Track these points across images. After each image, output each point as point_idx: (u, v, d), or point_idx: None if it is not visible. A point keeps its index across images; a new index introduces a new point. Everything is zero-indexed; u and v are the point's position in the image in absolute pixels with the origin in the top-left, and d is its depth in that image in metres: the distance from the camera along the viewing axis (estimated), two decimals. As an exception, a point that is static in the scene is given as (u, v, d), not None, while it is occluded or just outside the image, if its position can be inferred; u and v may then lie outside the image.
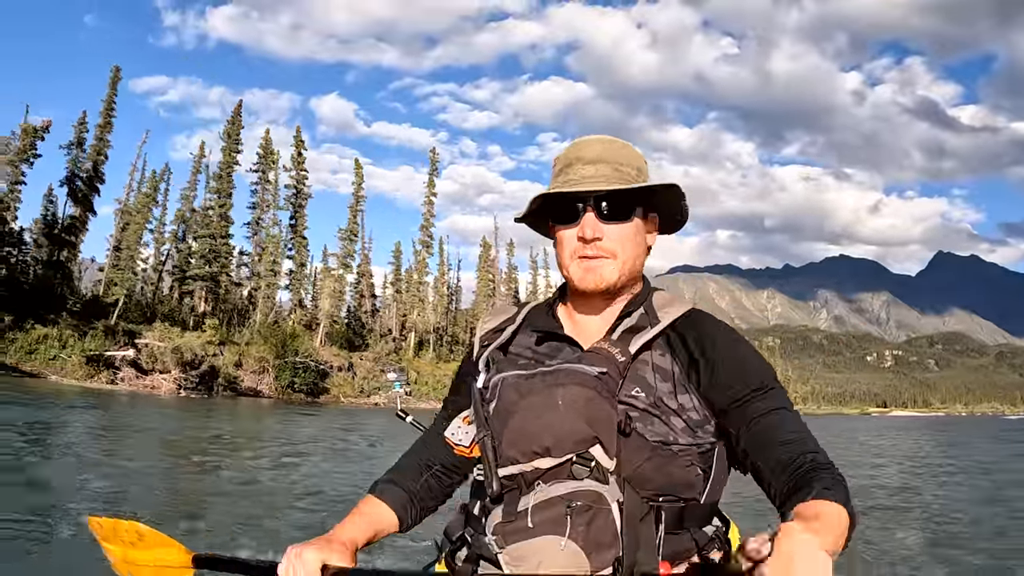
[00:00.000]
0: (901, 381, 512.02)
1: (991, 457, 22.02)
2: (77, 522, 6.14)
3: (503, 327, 1.58)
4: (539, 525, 1.29)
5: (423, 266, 58.68)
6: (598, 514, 1.28)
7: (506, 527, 1.32)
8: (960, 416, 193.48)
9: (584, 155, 1.45)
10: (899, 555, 6.97)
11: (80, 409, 20.59)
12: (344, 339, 50.52)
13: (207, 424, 20.50)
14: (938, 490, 12.80)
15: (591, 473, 1.30)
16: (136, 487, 8.51)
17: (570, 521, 1.28)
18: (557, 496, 1.30)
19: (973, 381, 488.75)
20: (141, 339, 36.60)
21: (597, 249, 1.42)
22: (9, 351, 33.20)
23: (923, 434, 41.22)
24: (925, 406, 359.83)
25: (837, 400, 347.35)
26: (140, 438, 15.00)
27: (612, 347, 1.40)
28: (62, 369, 33.50)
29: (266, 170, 50.00)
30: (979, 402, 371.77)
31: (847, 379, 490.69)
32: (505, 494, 1.35)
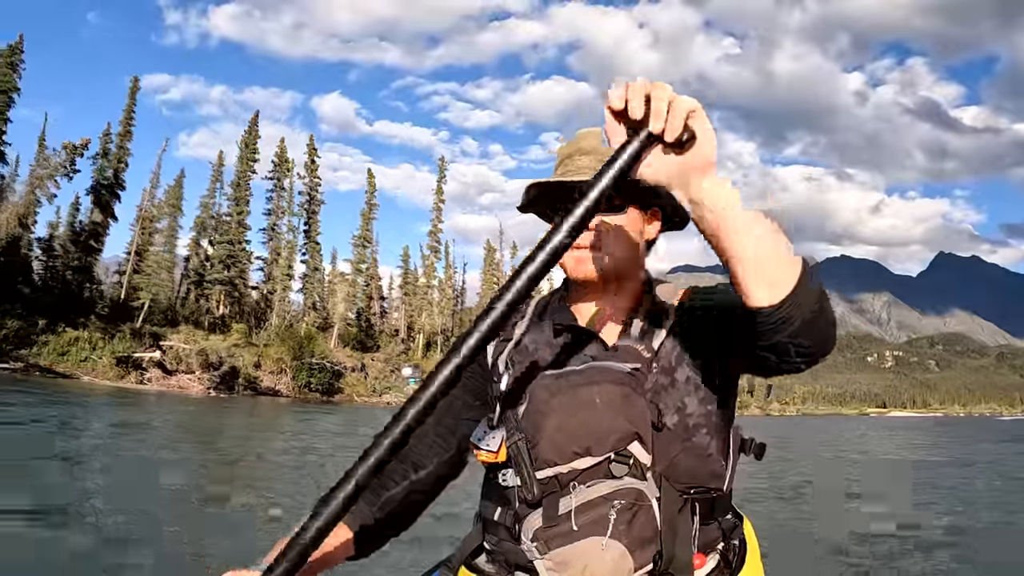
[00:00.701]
0: (902, 382, 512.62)
1: (968, 455, 23.65)
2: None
3: (513, 321, 1.54)
4: (583, 527, 1.28)
5: (431, 270, 60.52)
6: (640, 511, 1.28)
7: (548, 532, 1.30)
8: (957, 417, 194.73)
9: (583, 146, 1.47)
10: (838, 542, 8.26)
11: (134, 409, 22.48)
12: (356, 341, 52.37)
13: (271, 424, 22.33)
14: (897, 488, 14.32)
15: (630, 470, 1.29)
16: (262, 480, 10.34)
17: (613, 520, 1.27)
18: (600, 496, 1.29)
19: (973, 382, 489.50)
20: (166, 341, 38.45)
21: (587, 239, 1.41)
22: (43, 353, 34.99)
23: (913, 435, 42.88)
24: (924, 407, 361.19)
25: (837, 400, 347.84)
26: (226, 436, 16.90)
27: (637, 343, 1.39)
28: (93, 370, 35.34)
29: (281, 177, 51.82)
30: (977, 403, 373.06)
31: (848, 380, 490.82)
32: (544, 498, 1.32)
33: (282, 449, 15.29)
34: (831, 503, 11.06)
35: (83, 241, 41.59)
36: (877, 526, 8.80)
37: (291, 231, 51.89)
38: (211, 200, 49.15)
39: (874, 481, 14.70)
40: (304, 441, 17.50)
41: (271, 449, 15.18)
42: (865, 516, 9.69)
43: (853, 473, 16.39)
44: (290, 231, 51.83)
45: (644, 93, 0.98)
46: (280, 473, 11.59)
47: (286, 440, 17.43)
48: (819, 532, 8.71)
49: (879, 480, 14.98)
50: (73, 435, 13.70)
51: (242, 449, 14.76)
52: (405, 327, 61.34)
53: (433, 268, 60.66)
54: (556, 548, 1.29)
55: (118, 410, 21.57)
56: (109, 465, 10.65)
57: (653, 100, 0.98)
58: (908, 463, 20.03)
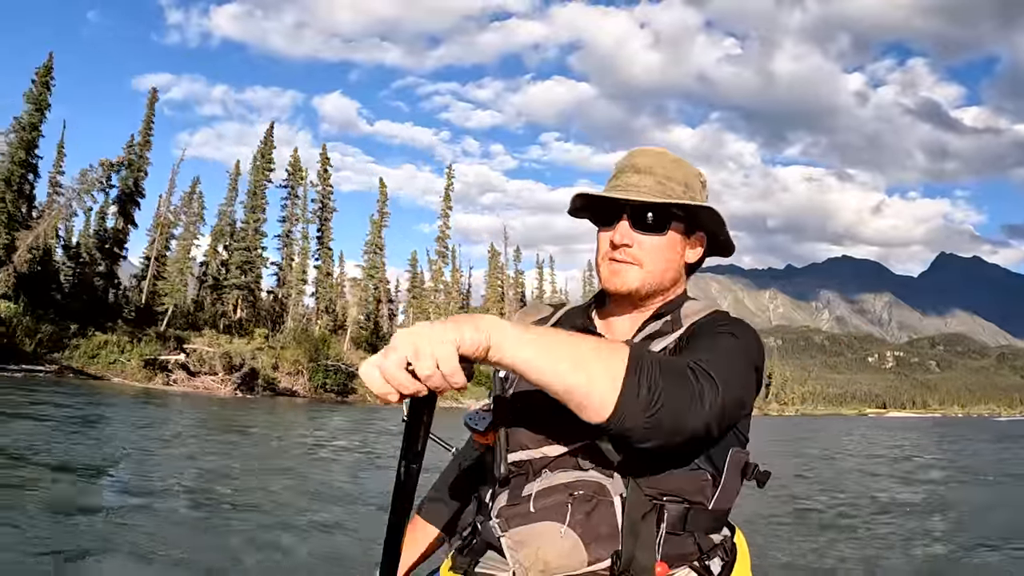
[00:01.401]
0: (902, 382, 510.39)
1: (951, 455, 25.27)
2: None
3: (542, 321, 1.58)
4: (540, 511, 1.30)
5: (439, 275, 62.43)
6: (599, 505, 1.29)
7: (510, 510, 1.34)
8: (955, 418, 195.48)
9: (636, 164, 1.49)
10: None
11: (170, 408, 24.31)
12: (367, 343, 54.30)
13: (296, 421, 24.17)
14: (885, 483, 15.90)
15: (597, 465, 1.31)
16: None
17: (571, 509, 1.29)
18: (561, 483, 1.31)
19: (974, 382, 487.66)
20: (189, 344, 40.41)
21: (624, 254, 1.45)
22: (74, 356, 36.88)
23: (904, 434, 44.35)
24: (923, 407, 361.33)
25: (838, 401, 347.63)
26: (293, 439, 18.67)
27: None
28: (122, 372, 37.25)
29: (295, 186, 53.76)
30: (977, 403, 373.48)
31: (848, 380, 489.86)
32: (512, 479, 1.37)
33: (313, 441, 17.15)
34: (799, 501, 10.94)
35: (108, 248, 43.52)
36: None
37: (304, 238, 53.78)
38: (229, 208, 51.07)
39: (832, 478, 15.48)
40: (325, 436, 19.30)
41: (303, 443, 17.03)
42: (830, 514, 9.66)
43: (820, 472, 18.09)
44: (304, 238, 53.71)
45: (398, 378, 0.98)
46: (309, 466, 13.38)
47: (310, 433, 19.25)
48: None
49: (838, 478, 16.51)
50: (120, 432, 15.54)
51: (285, 443, 16.62)
52: (413, 329, 63.36)
53: (441, 273, 62.58)
54: (515, 527, 1.31)
55: (159, 410, 23.39)
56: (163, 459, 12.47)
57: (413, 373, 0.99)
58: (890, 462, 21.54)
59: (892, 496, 11.51)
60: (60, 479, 8.12)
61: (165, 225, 51.27)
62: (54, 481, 7.94)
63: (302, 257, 53.34)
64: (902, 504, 10.68)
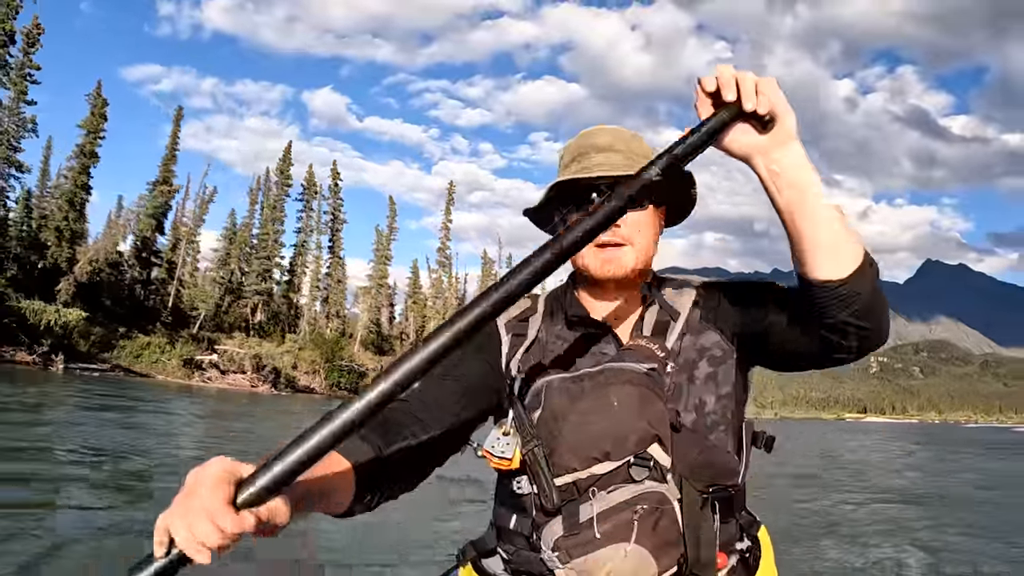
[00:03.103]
0: (885, 388, 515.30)
1: (885, 458, 30.05)
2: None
3: (525, 316, 1.53)
4: (606, 534, 1.24)
5: (440, 283, 67.47)
6: (664, 514, 1.25)
7: (569, 540, 1.26)
8: (931, 424, 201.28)
9: (596, 143, 1.45)
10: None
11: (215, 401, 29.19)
12: (373, 345, 59.31)
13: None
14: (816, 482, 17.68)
15: (651, 473, 1.26)
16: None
17: (637, 526, 1.24)
18: (622, 502, 1.25)
19: (957, 389, 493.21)
20: (220, 345, 45.29)
21: (614, 235, 1.40)
22: (121, 356, 41.59)
23: (869, 438, 49.11)
24: (902, 413, 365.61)
25: (821, 405, 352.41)
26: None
27: (650, 343, 1.39)
28: (164, 370, 42.04)
29: (309, 199, 58.68)
30: (956, 410, 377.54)
31: (832, 384, 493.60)
32: (563, 506, 1.28)
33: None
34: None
35: (145, 258, 48.28)
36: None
37: (319, 248, 58.87)
38: (251, 220, 55.94)
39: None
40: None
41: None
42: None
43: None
44: (318, 248, 58.80)
45: (733, 76, 1.07)
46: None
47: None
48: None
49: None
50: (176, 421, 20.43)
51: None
52: (414, 332, 68.31)
53: (441, 281, 67.60)
54: (579, 556, 1.25)
55: (208, 402, 28.22)
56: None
57: (742, 83, 1.07)
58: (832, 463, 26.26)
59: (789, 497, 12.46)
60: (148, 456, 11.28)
61: (189, 234, 55.95)
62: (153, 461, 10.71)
63: (315, 265, 58.33)
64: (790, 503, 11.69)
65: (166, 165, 51.86)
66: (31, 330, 35.48)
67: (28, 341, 35.15)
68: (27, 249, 39.24)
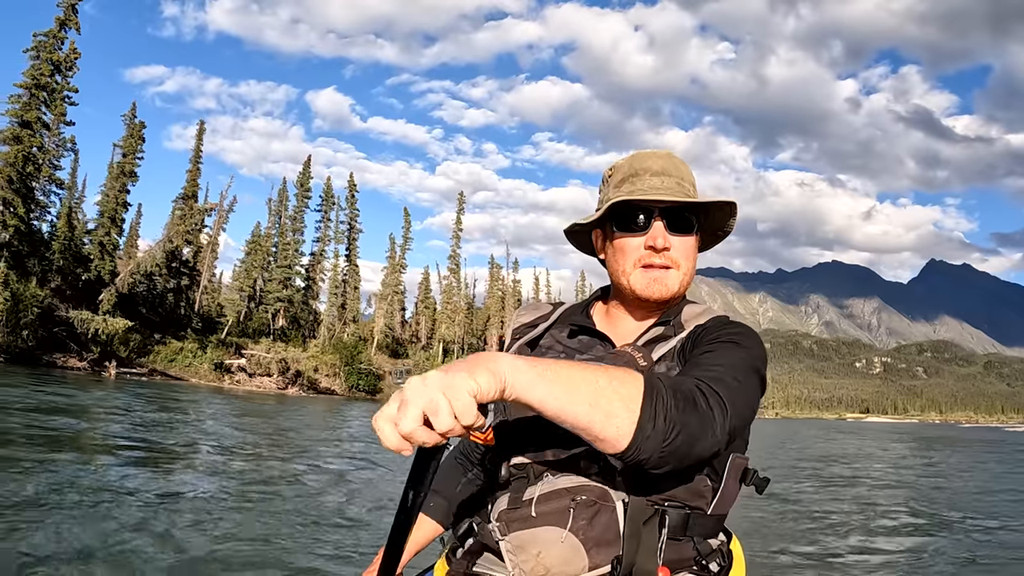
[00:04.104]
0: (888, 388, 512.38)
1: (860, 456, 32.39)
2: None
3: (536, 323, 1.60)
4: (542, 515, 1.29)
5: (451, 289, 70.42)
6: (602, 511, 1.28)
7: (510, 514, 1.32)
8: (930, 424, 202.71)
9: (651, 167, 1.48)
10: None
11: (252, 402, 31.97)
12: (388, 349, 62.30)
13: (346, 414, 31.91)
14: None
15: (599, 469, 1.29)
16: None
17: (573, 514, 1.28)
18: (563, 488, 1.30)
19: (960, 389, 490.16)
20: (247, 350, 48.22)
21: (665, 258, 1.44)
22: (157, 360, 44.51)
23: (847, 437, 51.63)
24: (903, 413, 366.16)
25: (824, 405, 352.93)
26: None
27: (636, 351, 1.41)
28: (196, 373, 44.95)
29: (327, 211, 61.69)
30: (958, 410, 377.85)
31: (835, 384, 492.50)
32: (513, 481, 1.35)
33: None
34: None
35: (175, 267, 51.21)
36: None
37: (336, 257, 61.90)
38: (272, 231, 58.86)
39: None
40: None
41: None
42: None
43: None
44: (336, 257, 61.84)
45: (416, 434, 0.93)
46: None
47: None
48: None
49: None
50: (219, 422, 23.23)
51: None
52: (426, 336, 71.39)
53: (452, 287, 70.55)
54: (515, 531, 1.31)
55: (253, 405, 30.91)
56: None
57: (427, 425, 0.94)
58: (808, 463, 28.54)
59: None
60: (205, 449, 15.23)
61: (212, 244, 58.86)
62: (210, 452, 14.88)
63: (333, 273, 61.29)
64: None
65: (192, 179, 54.87)
66: (78, 338, 38.45)
67: (77, 348, 38.09)
68: (71, 262, 42.16)
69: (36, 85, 39.01)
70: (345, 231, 63.05)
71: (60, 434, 11.74)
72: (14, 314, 33.82)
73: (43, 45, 39.86)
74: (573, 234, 1.64)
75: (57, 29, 40.33)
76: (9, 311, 33.46)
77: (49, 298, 37.54)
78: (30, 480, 7.28)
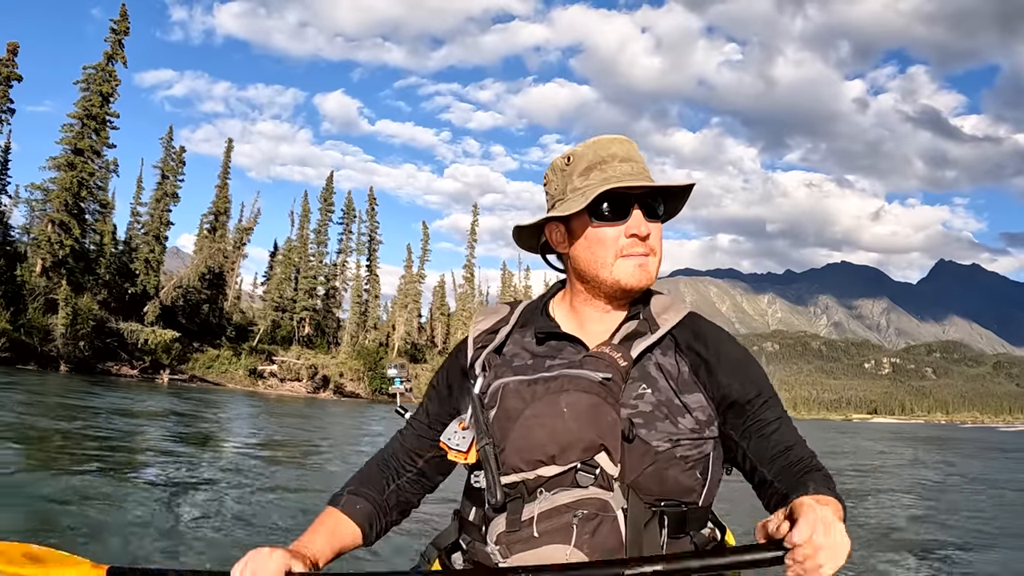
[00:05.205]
0: (897, 389, 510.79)
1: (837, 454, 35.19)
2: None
3: (497, 328, 1.55)
4: (544, 534, 1.28)
5: (466, 297, 73.72)
6: (604, 522, 1.28)
7: (510, 536, 1.31)
8: (935, 424, 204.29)
9: (616, 152, 1.43)
10: None
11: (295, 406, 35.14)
12: (407, 354, 65.57)
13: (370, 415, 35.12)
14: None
15: (596, 480, 1.29)
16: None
17: (576, 529, 1.27)
18: (563, 504, 1.29)
19: (969, 390, 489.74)
20: (278, 357, 51.61)
21: (647, 246, 1.41)
22: (195, 367, 47.83)
23: (843, 437, 54.11)
24: (909, 413, 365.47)
25: (833, 406, 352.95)
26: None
27: (614, 351, 1.38)
28: (232, 378, 48.30)
29: (348, 223, 65.08)
30: (964, 411, 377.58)
31: (844, 385, 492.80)
32: (508, 503, 1.33)
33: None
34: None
35: (209, 279, 54.58)
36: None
37: (358, 268, 65.50)
38: (298, 244, 62.27)
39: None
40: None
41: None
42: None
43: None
44: (358, 268, 65.45)
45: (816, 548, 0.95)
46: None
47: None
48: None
49: None
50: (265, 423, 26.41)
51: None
52: (442, 341, 74.70)
53: (467, 295, 73.83)
54: (518, 553, 1.30)
55: (291, 407, 34.01)
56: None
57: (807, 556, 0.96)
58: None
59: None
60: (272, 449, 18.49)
61: (239, 253, 62.31)
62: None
63: (356, 283, 64.78)
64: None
65: (222, 195, 58.30)
66: (127, 347, 41.86)
67: (127, 357, 41.48)
68: (118, 276, 45.61)
69: (87, 115, 42.37)
70: (366, 242, 66.43)
71: (177, 433, 15.01)
72: (73, 327, 37.16)
73: (92, 78, 43.30)
74: (521, 231, 1.55)
75: (105, 63, 43.74)
76: (69, 324, 36.81)
77: (101, 311, 40.88)
78: (179, 467, 10.14)
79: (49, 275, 39.29)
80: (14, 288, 36.89)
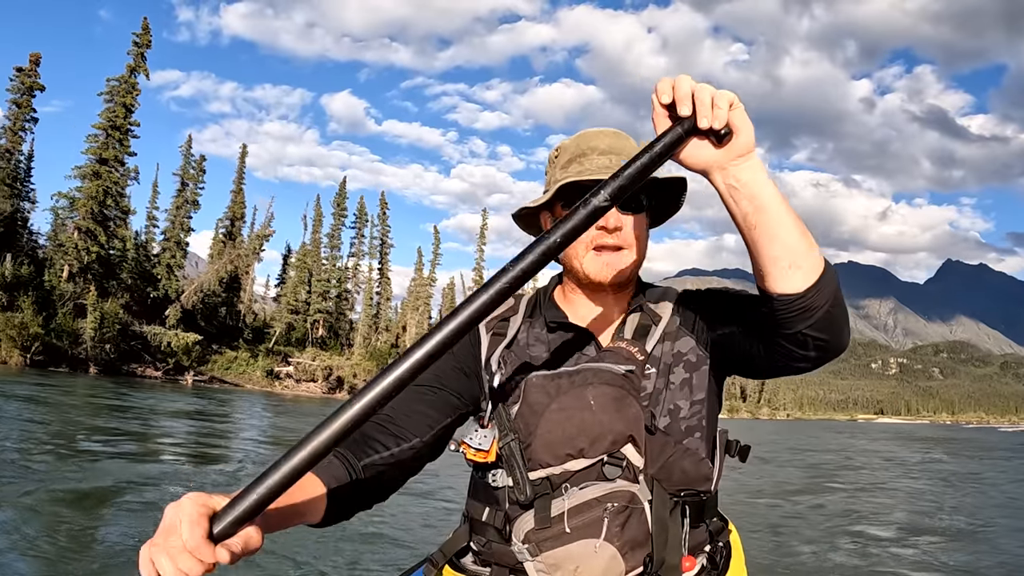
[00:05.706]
0: (904, 389, 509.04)
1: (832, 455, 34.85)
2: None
3: (506, 316, 1.53)
4: (576, 530, 1.28)
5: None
6: (633, 514, 1.28)
7: (540, 534, 1.30)
8: (940, 424, 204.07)
9: (597, 145, 1.44)
10: None
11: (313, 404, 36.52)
12: (417, 356, 66.95)
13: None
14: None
15: (623, 473, 1.29)
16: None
17: (607, 523, 1.28)
18: (594, 498, 1.29)
19: (977, 390, 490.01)
20: (294, 358, 53.08)
21: (615, 238, 1.39)
22: (214, 368, 49.25)
23: (847, 435, 54.68)
24: (915, 414, 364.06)
25: (839, 406, 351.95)
26: None
27: (630, 345, 1.39)
28: (250, 379, 49.74)
29: (360, 228, 66.60)
30: (970, 411, 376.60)
31: (851, 386, 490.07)
32: (535, 500, 1.31)
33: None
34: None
35: (226, 283, 56.06)
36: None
37: (370, 271, 67.09)
38: (312, 248, 63.77)
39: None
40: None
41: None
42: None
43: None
44: (370, 271, 67.03)
45: (690, 90, 1.01)
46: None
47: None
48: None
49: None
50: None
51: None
52: (450, 343, 76.12)
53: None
54: (548, 550, 1.29)
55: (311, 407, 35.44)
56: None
57: (697, 96, 1.01)
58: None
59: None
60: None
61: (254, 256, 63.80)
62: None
63: (368, 286, 66.33)
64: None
65: (238, 200, 59.80)
66: (150, 350, 43.33)
67: (150, 359, 42.95)
68: (140, 281, 47.12)
69: (111, 126, 43.90)
70: (378, 246, 67.93)
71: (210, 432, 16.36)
72: (99, 330, 38.62)
73: (116, 90, 44.79)
74: (522, 218, 1.58)
75: (128, 75, 45.23)
76: (97, 328, 38.28)
77: (125, 315, 42.33)
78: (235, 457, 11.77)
79: (75, 280, 40.80)
80: (43, 293, 38.36)
